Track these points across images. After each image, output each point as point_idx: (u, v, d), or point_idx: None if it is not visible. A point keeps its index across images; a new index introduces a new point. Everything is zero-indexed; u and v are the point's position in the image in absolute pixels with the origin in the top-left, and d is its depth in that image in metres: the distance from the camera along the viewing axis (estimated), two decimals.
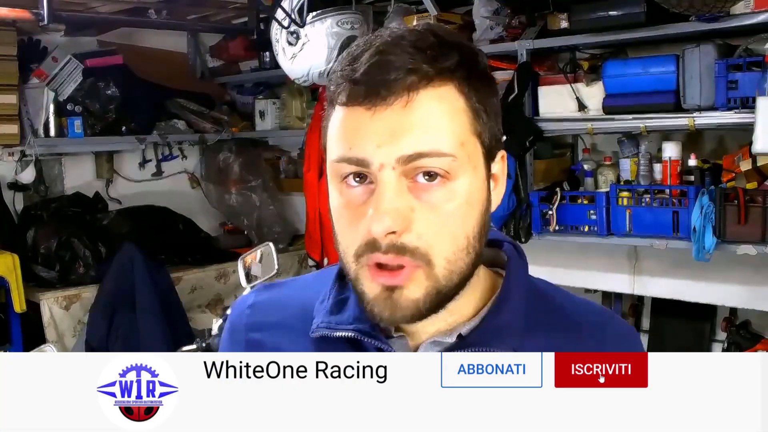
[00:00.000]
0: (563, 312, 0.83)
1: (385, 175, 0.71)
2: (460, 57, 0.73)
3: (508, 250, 0.86)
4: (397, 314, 0.73)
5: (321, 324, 0.80)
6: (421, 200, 0.72)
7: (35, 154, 3.61)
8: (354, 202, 0.73)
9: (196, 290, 3.74)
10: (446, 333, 0.79)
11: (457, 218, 0.73)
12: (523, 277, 0.83)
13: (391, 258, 0.71)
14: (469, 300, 0.80)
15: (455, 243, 0.73)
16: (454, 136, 0.72)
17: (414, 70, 0.70)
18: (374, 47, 0.72)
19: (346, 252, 0.75)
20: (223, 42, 4.24)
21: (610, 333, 0.83)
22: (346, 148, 0.72)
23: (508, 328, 0.78)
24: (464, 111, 0.73)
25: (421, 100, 0.71)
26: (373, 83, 0.70)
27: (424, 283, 0.73)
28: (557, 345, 0.78)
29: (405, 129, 0.70)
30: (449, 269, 0.73)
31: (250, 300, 0.90)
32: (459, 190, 0.73)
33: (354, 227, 0.73)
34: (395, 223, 0.70)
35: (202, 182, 4.40)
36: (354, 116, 0.72)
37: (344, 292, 0.83)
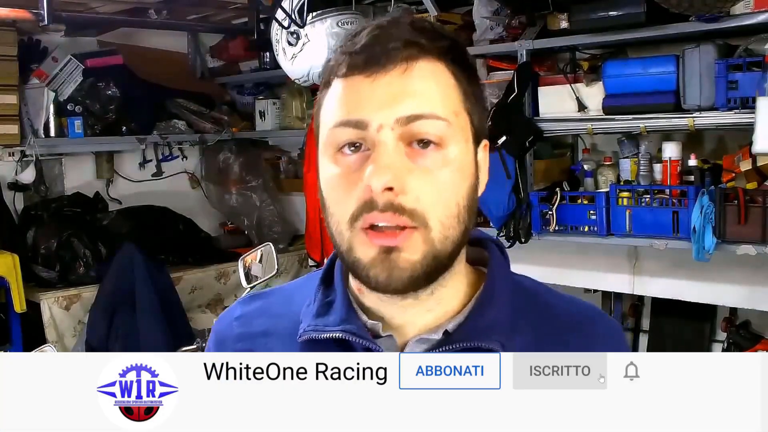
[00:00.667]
0: (549, 308, 0.84)
1: (383, 135, 0.73)
2: (450, 43, 0.78)
3: (490, 247, 0.86)
4: (394, 276, 0.73)
5: (308, 327, 0.80)
6: (416, 164, 0.73)
7: (35, 154, 3.61)
8: (350, 168, 0.75)
9: (196, 290, 3.74)
10: (432, 330, 0.79)
11: (449, 184, 0.75)
12: (506, 274, 0.84)
13: (389, 216, 0.72)
14: (457, 292, 0.81)
15: (448, 208, 0.75)
16: (448, 105, 0.75)
17: (412, 43, 0.74)
18: (374, 25, 0.77)
19: (340, 221, 0.75)
20: (223, 42, 4.24)
21: (596, 328, 0.84)
22: (345, 113, 0.75)
23: (495, 325, 0.79)
24: (455, 87, 0.77)
25: (419, 69, 0.74)
26: (374, 52, 0.74)
27: (421, 246, 0.73)
28: (544, 341, 0.80)
29: (404, 93, 0.73)
30: (444, 234, 0.74)
31: (237, 312, 0.90)
32: (451, 157, 0.75)
33: (349, 193, 0.74)
34: (394, 179, 0.71)
35: (202, 182, 4.40)
36: (353, 84, 0.75)
37: (330, 295, 0.83)
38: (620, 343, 0.86)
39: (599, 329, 0.84)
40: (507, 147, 2.73)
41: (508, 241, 2.76)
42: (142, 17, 3.52)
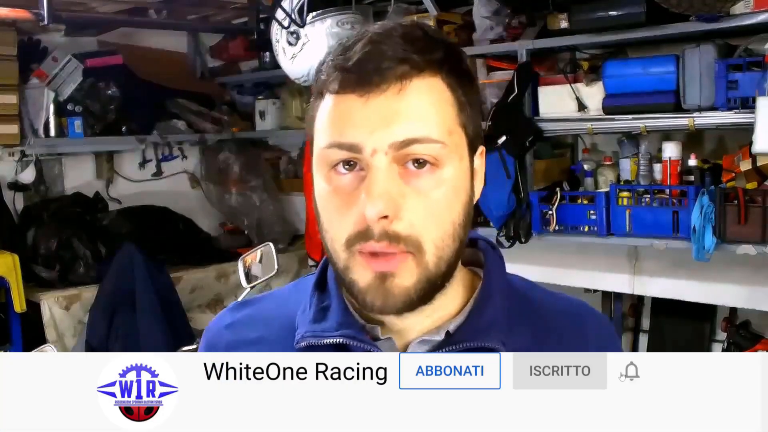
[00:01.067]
0: (543, 306, 0.85)
1: (377, 160, 0.72)
2: (445, 52, 0.75)
3: (484, 247, 0.87)
4: (389, 302, 0.74)
5: (306, 333, 0.80)
6: (410, 186, 0.73)
7: (35, 154, 3.61)
8: (343, 189, 0.74)
9: (196, 290, 3.74)
10: (433, 331, 0.80)
11: (443, 205, 0.74)
12: (501, 274, 0.85)
13: (384, 246, 0.72)
14: (454, 296, 0.81)
15: (442, 229, 0.74)
16: (443, 125, 0.74)
17: (406, 60, 0.72)
18: (366, 38, 0.74)
19: (335, 240, 0.75)
20: (223, 42, 4.24)
21: (589, 325, 0.85)
22: (337, 134, 0.73)
23: (494, 324, 0.79)
24: (450, 102, 0.75)
25: (413, 89, 0.73)
26: (367, 71, 0.72)
27: (414, 270, 0.73)
28: (540, 339, 0.81)
29: (397, 115, 0.72)
30: (438, 256, 0.74)
31: (227, 320, 0.89)
32: (446, 177, 0.74)
33: (343, 214, 0.74)
34: (387, 207, 0.71)
35: (202, 182, 4.40)
36: (345, 103, 0.73)
37: (325, 300, 0.82)
38: (611, 337, 0.88)
39: (590, 324, 0.86)
40: (507, 147, 2.73)
41: (508, 241, 2.76)
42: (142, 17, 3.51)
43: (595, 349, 0.81)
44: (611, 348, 0.84)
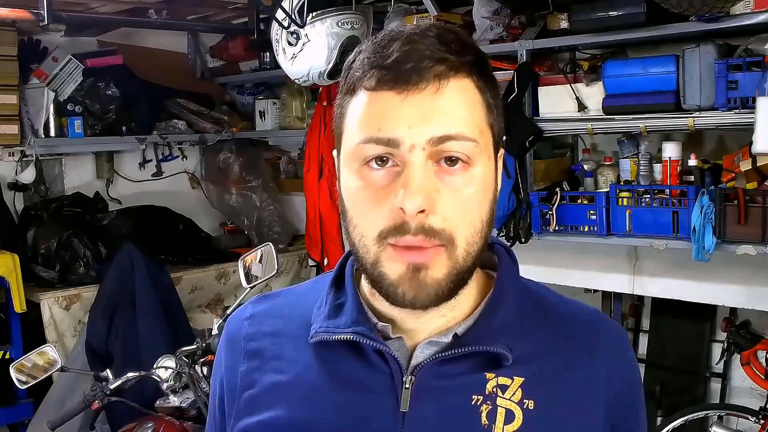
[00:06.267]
0: (556, 312, 0.85)
1: (415, 156, 0.73)
2: (475, 55, 0.78)
3: (499, 251, 0.88)
4: (422, 294, 0.75)
5: (320, 329, 0.82)
6: (444, 182, 0.75)
7: (35, 154, 3.61)
8: (377, 184, 0.75)
9: (196, 290, 3.74)
10: (442, 333, 0.80)
11: (474, 202, 0.76)
12: (515, 278, 0.86)
13: (420, 240, 0.73)
14: (467, 297, 0.82)
15: (473, 225, 0.76)
16: (475, 124, 0.76)
17: (443, 60, 0.74)
18: (403, 37, 0.75)
19: (365, 235, 0.76)
20: (223, 42, 4.24)
21: (602, 333, 0.85)
22: (375, 129, 0.74)
23: (503, 328, 0.80)
24: (480, 103, 0.78)
25: (449, 88, 0.75)
26: (405, 69, 0.73)
27: (446, 263, 0.75)
28: (550, 345, 0.81)
29: (435, 113, 0.74)
30: (467, 251, 0.76)
31: (248, 312, 0.91)
32: (477, 175, 0.76)
33: (376, 209, 0.75)
34: (425, 201, 0.72)
35: (202, 182, 4.40)
36: (382, 100, 0.74)
37: (341, 297, 0.84)
38: (623, 345, 0.87)
39: (604, 334, 0.85)
40: (507, 147, 2.72)
41: (508, 241, 2.76)
42: (142, 17, 3.51)
43: (606, 357, 0.82)
44: (622, 356, 0.85)
